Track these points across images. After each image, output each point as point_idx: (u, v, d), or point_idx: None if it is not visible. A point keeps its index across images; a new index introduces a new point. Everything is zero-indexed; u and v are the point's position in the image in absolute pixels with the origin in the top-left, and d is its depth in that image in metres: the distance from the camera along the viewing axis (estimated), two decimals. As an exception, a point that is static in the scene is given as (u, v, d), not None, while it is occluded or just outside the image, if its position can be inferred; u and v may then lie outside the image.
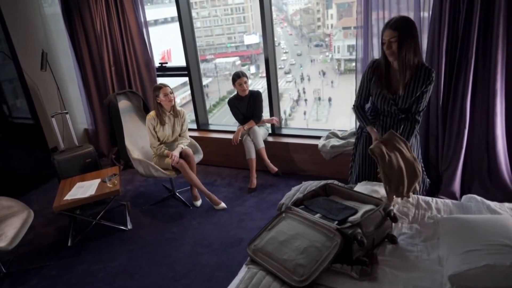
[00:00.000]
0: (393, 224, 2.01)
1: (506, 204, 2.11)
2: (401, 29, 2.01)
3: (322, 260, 1.72)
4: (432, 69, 2.15)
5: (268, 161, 3.79)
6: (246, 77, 3.72)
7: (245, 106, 3.79)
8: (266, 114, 4.00)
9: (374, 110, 2.43)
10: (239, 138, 3.73)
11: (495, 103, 2.70)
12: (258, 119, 3.79)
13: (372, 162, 2.46)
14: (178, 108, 3.49)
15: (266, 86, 3.97)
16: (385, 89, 2.24)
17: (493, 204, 2.09)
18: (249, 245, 1.97)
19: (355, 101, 2.46)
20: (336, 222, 1.89)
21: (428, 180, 2.55)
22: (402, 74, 2.13)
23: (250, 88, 3.81)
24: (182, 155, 3.37)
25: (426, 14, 2.84)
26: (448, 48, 2.75)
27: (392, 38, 2.03)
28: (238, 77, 3.70)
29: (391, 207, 1.96)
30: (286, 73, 8.42)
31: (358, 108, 2.43)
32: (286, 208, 2.10)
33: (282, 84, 8.26)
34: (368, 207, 1.97)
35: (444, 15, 2.67)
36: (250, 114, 3.80)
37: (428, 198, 2.32)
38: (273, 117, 3.96)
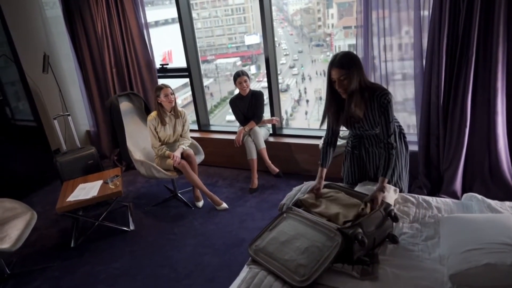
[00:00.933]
0: (394, 223, 2.01)
1: (507, 203, 2.11)
2: (348, 65, 2.00)
3: (323, 260, 1.72)
4: (385, 92, 2.08)
5: (269, 162, 3.80)
6: (247, 76, 3.72)
7: (246, 106, 3.80)
8: (267, 114, 4.00)
9: (355, 134, 2.39)
10: (241, 139, 3.74)
11: (496, 101, 2.70)
12: (258, 120, 3.79)
13: (357, 174, 2.48)
14: (179, 108, 3.50)
15: (260, 89, 3.95)
16: (346, 122, 2.24)
17: (494, 203, 2.09)
18: (250, 245, 1.97)
19: (324, 137, 2.41)
20: (337, 222, 1.89)
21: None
22: (357, 107, 2.09)
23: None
24: (184, 155, 3.38)
25: (426, 13, 2.84)
26: (449, 47, 2.75)
27: (342, 76, 2.01)
28: (238, 76, 3.71)
29: (392, 207, 1.96)
30: (291, 67, 8.46)
31: (325, 145, 2.38)
32: (287, 209, 2.11)
33: (288, 78, 8.29)
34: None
35: (444, 13, 2.67)
36: (251, 114, 3.80)
37: (429, 198, 2.32)
38: (274, 117, 3.96)
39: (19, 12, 4.21)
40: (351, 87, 2.02)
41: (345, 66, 2.00)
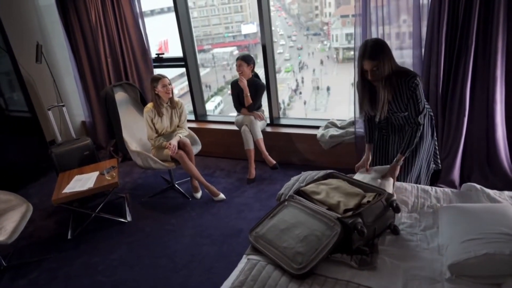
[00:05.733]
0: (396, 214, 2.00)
1: (506, 192, 2.11)
2: (379, 57, 2.03)
3: (321, 249, 1.72)
4: (412, 75, 2.10)
5: (266, 153, 3.75)
6: (245, 60, 3.66)
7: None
8: (264, 104, 3.96)
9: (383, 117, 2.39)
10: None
11: (495, 90, 2.68)
12: (251, 109, 3.75)
13: (382, 153, 2.50)
14: (176, 99, 3.45)
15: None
16: (375, 107, 2.25)
17: (493, 193, 2.08)
18: (250, 232, 1.98)
19: (363, 117, 2.47)
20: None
21: (433, 165, 2.55)
22: (384, 94, 2.13)
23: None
24: (180, 145, 3.35)
25: (425, 1, 2.80)
26: (448, 35, 2.72)
27: (374, 67, 2.06)
28: (236, 60, 3.70)
29: (394, 197, 1.95)
30: (288, 36, 8.52)
31: (366, 121, 2.45)
32: (289, 197, 2.10)
33: (289, 43, 8.36)
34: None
35: (444, 1, 2.64)
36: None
37: (427, 187, 2.31)
38: (259, 113, 3.87)
39: (12, 1, 4.12)
40: (383, 75, 2.07)
41: (376, 57, 2.03)
